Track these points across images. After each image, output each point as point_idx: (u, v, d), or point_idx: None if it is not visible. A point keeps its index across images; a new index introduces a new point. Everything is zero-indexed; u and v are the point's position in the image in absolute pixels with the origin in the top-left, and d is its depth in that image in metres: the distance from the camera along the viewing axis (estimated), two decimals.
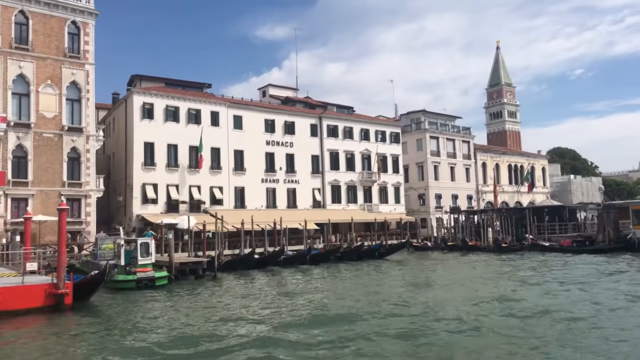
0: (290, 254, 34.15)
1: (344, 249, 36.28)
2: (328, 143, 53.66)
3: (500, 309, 16.10)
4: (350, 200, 54.84)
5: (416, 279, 24.38)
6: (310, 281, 25.08)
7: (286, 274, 28.86)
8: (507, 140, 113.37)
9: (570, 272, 25.89)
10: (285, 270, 30.43)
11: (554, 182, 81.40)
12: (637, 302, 16.89)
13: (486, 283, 22.07)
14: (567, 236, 41.61)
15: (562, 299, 17.91)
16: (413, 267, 30.82)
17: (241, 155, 47.38)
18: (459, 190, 64.21)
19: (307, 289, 21.84)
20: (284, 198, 49.84)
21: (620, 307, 16.13)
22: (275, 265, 31.89)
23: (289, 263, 32.18)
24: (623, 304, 16.60)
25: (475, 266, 31.69)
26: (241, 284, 24.07)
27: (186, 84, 48.89)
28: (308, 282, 24.40)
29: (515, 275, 24.89)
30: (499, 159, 70.27)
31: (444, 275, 25.53)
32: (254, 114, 48.78)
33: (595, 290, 19.54)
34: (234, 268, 29.69)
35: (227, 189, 45.96)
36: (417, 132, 63.37)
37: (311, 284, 23.86)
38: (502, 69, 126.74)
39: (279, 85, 62.49)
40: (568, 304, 16.79)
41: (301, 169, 51.21)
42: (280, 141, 50.23)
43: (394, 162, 59.58)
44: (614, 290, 19.30)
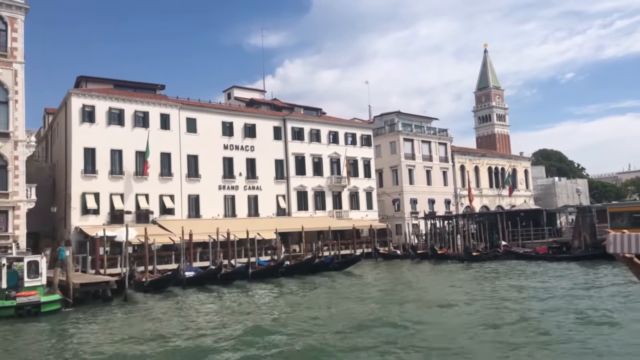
0: (230, 270, 30.77)
1: (290, 263, 32.78)
2: (293, 146, 50.51)
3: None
4: (318, 206, 51.65)
5: (335, 305, 20.53)
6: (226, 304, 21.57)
7: (217, 294, 25.41)
8: (496, 144, 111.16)
9: (525, 286, 22.74)
10: (224, 288, 27.09)
11: (537, 184, 78.59)
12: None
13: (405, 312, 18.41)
14: (543, 242, 38.61)
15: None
16: (361, 283, 27.32)
17: (195, 160, 44.13)
18: (435, 195, 61.17)
19: (213, 320, 18.19)
20: (244, 206, 46.59)
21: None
22: (215, 282, 28.57)
23: (228, 280, 28.84)
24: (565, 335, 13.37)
25: (435, 279, 28.64)
26: (150, 311, 20.42)
27: (137, 86, 45.72)
28: (224, 307, 20.79)
29: (451, 297, 21.16)
30: (479, 162, 67.38)
31: (377, 296, 21.62)
32: (209, 116, 45.58)
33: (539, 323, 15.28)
34: (161, 287, 26.37)
35: (179, 197, 42.65)
36: (390, 134, 60.40)
37: (226, 307, 20.28)
38: (490, 72, 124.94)
39: (244, 87, 59.44)
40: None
41: (264, 174, 48.01)
42: (240, 145, 47.03)
43: (365, 166, 56.51)
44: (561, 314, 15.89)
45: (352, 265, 34.23)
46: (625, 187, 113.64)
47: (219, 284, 28.41)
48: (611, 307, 16.43)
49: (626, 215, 33.54)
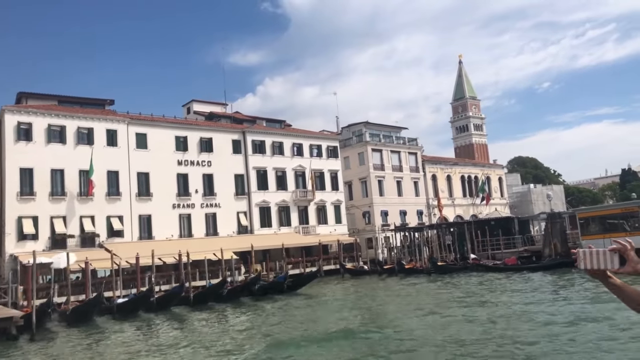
0: (163, 294, 27.95)
1: (232, 286, 29.79)
2: (254, 160, 48.15)
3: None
4: (283, 222, 49.19)
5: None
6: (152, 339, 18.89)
7: (146, 323, 22.67)
8: (474, 154, 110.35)
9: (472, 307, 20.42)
10: (156, 317, 24.35)
11: (513, 192, 77.19)
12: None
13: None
14: (512, 252, 36.57)
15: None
16: (306, 306, 24.45)
17: (146, 178, 41.50)
18: (407, 206, 59.13)
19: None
20: (201, 225, 43.93)
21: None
22: (151, 309, 25.81)
23: (165, 305, 26.11)
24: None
25: (390, 297, 26.26)
26: (53, 350, 17.53)
27: (84, 101, 43.14)
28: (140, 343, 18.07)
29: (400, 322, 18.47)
30: (451, 170, 65.66)
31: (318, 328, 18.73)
32: (161, 130, 43.07)
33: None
34: (85, 317, 23.53)
35: (129, 218, 39.89)
36: (358, 145, 58.41)
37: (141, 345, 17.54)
38: (466, 82, 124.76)
39: (204, 101, 57.06)
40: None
41: (222, 190, 45.49)
42: (196, 160, 44.52)
43: (332, 179, 54.33)
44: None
45: (307, 284, 31.67)
46: (602, 192, 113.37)
47: (155, 310, 25.69)
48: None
49: (597, 220, 31.74)
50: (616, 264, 2.17)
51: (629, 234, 29.96)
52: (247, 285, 29.85)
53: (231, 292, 28.68)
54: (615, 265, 2.17)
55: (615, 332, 13.14)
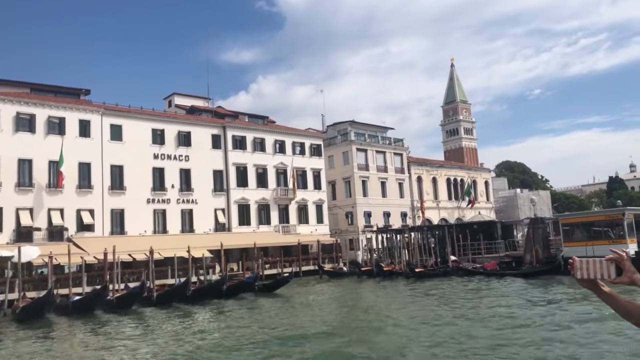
0: (123, 293, 26.55)
1: (201, 285, 28.47)
2: (234, 156, 46.86)
3: None
4: (263, 221, 47.98)
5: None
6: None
7: (99, 324, 21.33)
8: (464, 157, 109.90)
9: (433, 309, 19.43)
10: (112, 317, 23.03)
11: (499, 196, 76.44)
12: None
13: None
14: (493, 257, 35.64)
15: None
16: (275, 310, 23.23)
17: (120, 171, 40.10)
18: (391, 207, 58.13)
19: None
20: (176, 221, 42.60)
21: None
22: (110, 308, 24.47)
23: (125, 305, 24.77)
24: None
25: (363, 299, 25.19)
26: None
27: (58, 90, 41.62)
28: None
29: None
30: (436, 173, 64.76)
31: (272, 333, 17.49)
32: (137, 122, 41.67)
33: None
34: (36, 315, 22.16)
35: (100, 211, 38.48)
36: (343, 144, 57.30)
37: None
38: (457, 86, 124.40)
39: (186, 94, 55.62)
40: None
41: (200, 186, 44.18)
42: (173, 154, 43.17)
43: (315, 177, 53.20)
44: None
45: (281, 287, 30.43)
46: (589, 199, 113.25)
47: (114, 309, 24.39)
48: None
49: (580, 227, 30.85)
50: (612, 273, 2.14)
51: (612, 241, 29.14)
52: (214, 286, 28.53)
53: (197, 293, 27.39)
54: (612, 275, 2.15)
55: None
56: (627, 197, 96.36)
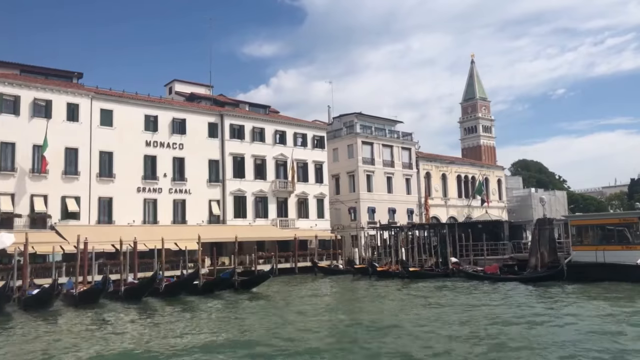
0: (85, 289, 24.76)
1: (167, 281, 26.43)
2: (231, 146, 45.06)
3: None
4: (260, 214, 46.14)
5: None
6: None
7: (43, 321, 19.64)
8: (481, 155, 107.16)
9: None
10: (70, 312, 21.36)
11: (513, 195, 73.54)
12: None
13: None
14: (497, 259, 33.22)
15: None
16: (244, 310, 21.12)
17: (109, 157, 38.58)
18: (397, 204, 55.87)
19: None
20: (168, 211, 40.99)
21: None
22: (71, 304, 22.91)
23: (90, 299, 23.14)
24: None
25: (343, 304, 23.10)
26: None
27: (49, 72, 40.16)
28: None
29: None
30: (446, 169, 62.23)
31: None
32: (129, 108, 40.07)
33: None
34: None
35: (87, 199, 37.01)
36: (348, 136, 55.15)
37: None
38: (477, 83, 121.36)
39: (187, 81, 53.97)
40: None
41: (194, 176, 42.49)
42: (166, 142, 41.53)
43: (317, 170, 51.16)
44: None
45: (261, 284, 28.57)
46: (609, 201, 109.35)
47: (77, 304, 22.76)
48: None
49: (591, 229, 28.29)
50: None
51: (626, 247, 26.60)
52: (187, 281, 26.71)
53: (169, 288, 25.65)
54: None
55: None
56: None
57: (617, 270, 25.21)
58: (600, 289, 23.55)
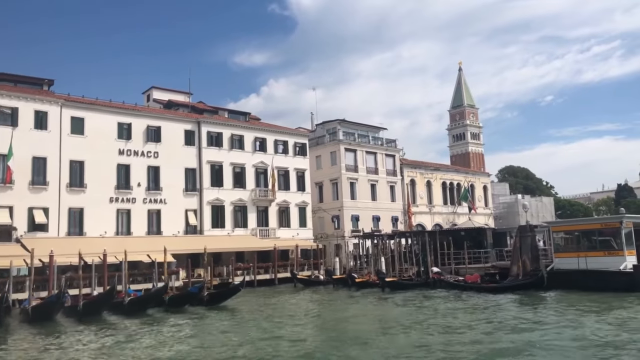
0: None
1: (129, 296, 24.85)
2: (209, 154, 43.93)
3: None
4: (239, 224, 44.96)
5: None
6: None
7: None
8: (470, 163, 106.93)
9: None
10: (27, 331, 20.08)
11: (500, 202, 72.89)
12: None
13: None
14: (478, 268, 32.29)
15: None
16: (206, 327, 19.84)
17: (81, 167, 37.31)
18: (381, 211, 54.92)
19: None
20: (142, 222, 39.71)
21: None
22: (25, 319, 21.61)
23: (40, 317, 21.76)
24: None
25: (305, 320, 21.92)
26: None
27: (18, 79, 38.83)
28: None
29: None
30: (431, 176, 61.45)
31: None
32: (101, 115, 38.88)
33: None
34: None
35: (56, 210, 35.66)
36: (331, 143, 54.23)
37: None
38: (465, 90, 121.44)
39: (165, 88, 52.89)
40: None
41: (170, 185, 41.27)
42: (141, 150, 40.33)
43: (299, 178, 50.12)
44: None
45: (231, 297, 27.31)
46: (597, 207, 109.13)
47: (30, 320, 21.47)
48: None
49: (573, 235, 27.42)
50: None
51: (608, 253, 25.76)
52: (153, 296, 25.45)
53: (134, 303, 24.37)
54: None
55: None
56: (636, 206, 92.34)
57: (599, 277, 24.36)
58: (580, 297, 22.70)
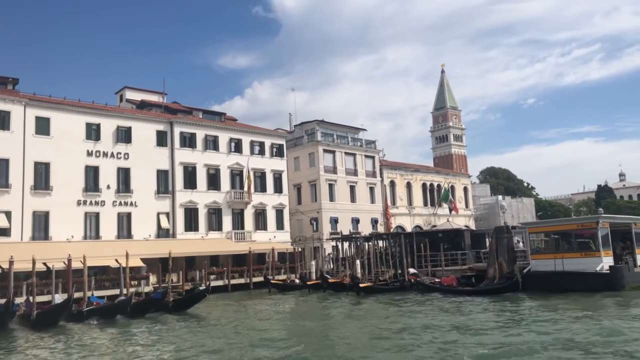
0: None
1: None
2: (182, 155, 42.75)
3: None
4: (214, 227, 43.83)
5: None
6: None
7: None
8: (453, 164, 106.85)
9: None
10: None
11: (481, 203, 72.67)
12: None
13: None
14: (454, 270, 31.61)
15: None
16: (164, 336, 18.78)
17: (46, 169, 35.93)
18: (360, 213, 54.15)
19: None
20: (112, 226, 38.39)
21: None
22: None
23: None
24: None
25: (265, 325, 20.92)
26: None
27: None
28: None
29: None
30: (411, 177, 60.87)
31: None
32: (68, 115, 37.53)
33: None
34: None
35: (19, 213, 34.24)
36: (309, 144, 53.33)
37: None
38: (447, 92, 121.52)
39: (138, 88, 51.54)
40: None
41: (141, 187, 40.01)
42: (110, 152, 39.03)
43: (276, 180, 49.13)
44: None
45: (197, 303, 26.23)
46: (578, 207, 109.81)
47: None
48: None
49: (549, 236, 26.88)
50: None
51: (585, 254, 25.23)
52: (114, 307, 24.21)
53: (94, 312, 23.16)
54: None
55: None
56: (615, 206, 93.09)
57: (576, 278, 23.81)
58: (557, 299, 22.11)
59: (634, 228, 28.05)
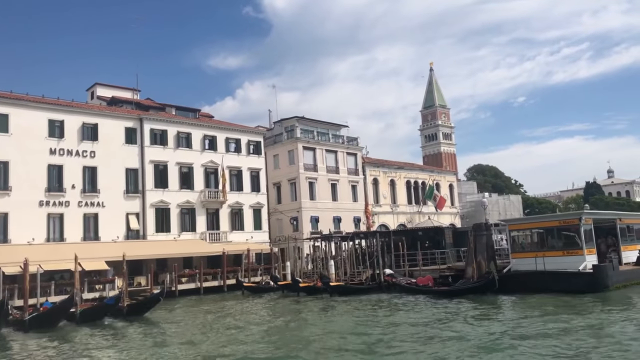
0: None
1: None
2: (152, 153, 41.00)
3: None
4: (187, 227, 42.13)
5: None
6: None
7: None
8: (442, 163, 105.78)
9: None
10: None
11: (467, 201, 71.46)
12: None
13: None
14: (431, 269, 30.16)
15: None
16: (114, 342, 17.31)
17: (4, 168, 34.10)
18: (342, 212, 52.61)
19: None
20: (77, 227, 36.59)
21: None
22: None
23: None
24: None
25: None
26: None
27: None
28: None
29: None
30: (395, 175, 59.45)
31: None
32: (29, 112, 35.67)
33: None
34: None
35: None
36: (288, 142, 51.72)
37: None
38: (436, 90, 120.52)
39: (109, 85, 49.65)
40: None
41: (108, 187, 38.22)
42: (75, 150, 37.21)
43: (253, 178, 47.48)
44: None
45: (151, 308, 24.53)
46: (567, 204, 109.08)
47: None
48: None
49: (530, 234, 25.49)
50: None
51: (567, 252, 23.85)
52: (60, 310, 22.54)
53: (37, 319, 21.40)
54: None
55: None
56: (603, 203, 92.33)
57: (557, 278, 22.42)
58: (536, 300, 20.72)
59: (618, 224, 26.79)
